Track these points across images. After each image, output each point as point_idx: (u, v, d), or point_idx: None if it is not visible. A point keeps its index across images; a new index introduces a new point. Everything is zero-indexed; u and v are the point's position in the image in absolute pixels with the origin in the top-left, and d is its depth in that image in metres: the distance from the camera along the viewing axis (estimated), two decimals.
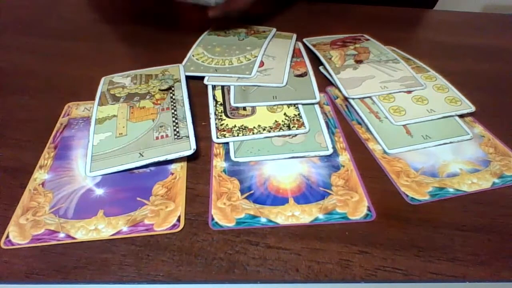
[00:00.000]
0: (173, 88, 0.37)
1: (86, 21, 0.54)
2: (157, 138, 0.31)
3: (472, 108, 0.35)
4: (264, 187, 0.28)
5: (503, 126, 0.34)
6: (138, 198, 0.27)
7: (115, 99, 0.35)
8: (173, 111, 0.33)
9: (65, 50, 0.46)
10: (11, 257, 0.24)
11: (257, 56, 0.40)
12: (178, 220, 0.26)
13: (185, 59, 0.42)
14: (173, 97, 0.35)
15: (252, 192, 0.28)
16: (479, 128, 0.34)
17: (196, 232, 0.25)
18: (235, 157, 0.30)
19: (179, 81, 0.38)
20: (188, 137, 0.31)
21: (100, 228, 0.25)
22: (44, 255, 0.24)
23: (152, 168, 0.29)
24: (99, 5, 0.57)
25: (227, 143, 0.32)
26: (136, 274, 0.23)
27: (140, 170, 0.29)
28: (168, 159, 0.29)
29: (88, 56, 0.44)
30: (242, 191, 0.28)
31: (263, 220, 0.26)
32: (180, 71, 0.39)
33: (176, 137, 0.31)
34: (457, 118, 0.34)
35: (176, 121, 0.32)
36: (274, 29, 0.47)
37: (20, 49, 0.46)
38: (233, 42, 0.44)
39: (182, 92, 0.36)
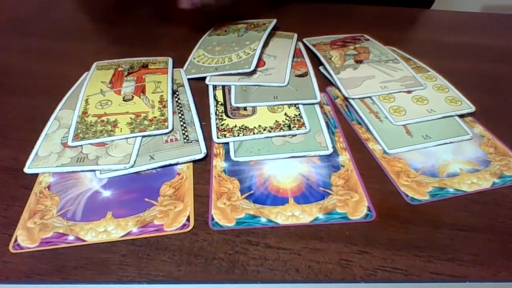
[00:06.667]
0: (177, 92, 0.37)
1: (85, 21, 0.54)
2: (166, 141, 0.31)
3: (472, 108, 0.35)
4: (264, 187, 0.28)
5: (503, 126, 0.34)
6: (146, 199, 0.27)
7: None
8: (180, 115, 0.34)
9: (64, 50, 0.46)
10: (12, 257, 0.24)
11: (256, 50, 0.40)
12: (188, 220, 0.26)
13: (187, 63, 0.42)
14: (179, 101, 0.36)
15: (252, 192, 0.28)
16: (479, 128, 0.34)
17: (196, 232, 0.25)
18: (235, 157, 0.30)
19: (183, 85, 0.38)
20: (197, 141, 0.31)
21: (109, 230, 0.25)
22: (44, 255, 0.24)
23: (159, 169, 0.29)
24: (97, 6, 0.57)
25: (227, 143, 0.32)
26: (136, 274, 0.23)
27: (147, 171, 0.29)
28: (179, 162, 0.30)
29: (87, 56, 0.44)
30: (242, 191, 0.28)
31: (263, 220, 0.26)
32: (182, 76, 0.40)
33: (185, 141, 0.31)
34: (457, 118, 0.34)
35: (184, 125, 0.33)
36: (275, 20, 0.47)
37: (18, 49, 0.46)
38: (233, 39, 0.44)
39: (187, 97, 0.36)
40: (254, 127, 0.33)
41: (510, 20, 0.56)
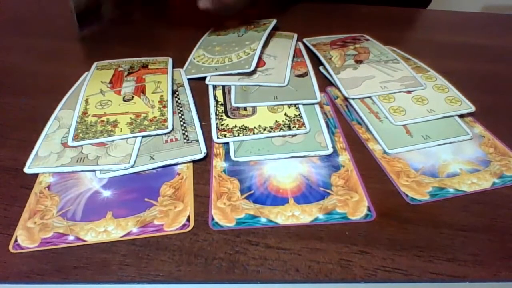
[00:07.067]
0: (177, 92, 0.37)
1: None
2: (166, 141, 0.31)
3: (472, 108, 0.35)
4: (264, 187, 0.28)
5: (503, 126, 0.34)
6: (146, 199, 0.27)
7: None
8: (180, 115, 0.34)
9: (64, 50, 0.46)
10: (12, 257, 0.24)
11: (256, 50, 0.40)
12: (188, 220, 0.26)
13: (187, 63, 0.42)
14: (179, 101, 0.36)
15: (252, 192, 0.28)
16: (479, 128, 0.34)
17: (196, 232, 0.25)
18: (235, 157, 0.30)
19: (183, 85, 0.38)
20: (197, 141, 0.31)
21: (109, 230, 0.25)
22: (44, 255, 0.24)
23: (159, 169, 0.29)
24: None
25: (227, 143, 0.32)
26: (136, 274, 0.23)
27: (147, 171, 0.29)
28: (179, 162, 0.30)
29: (87, 56, 0.44)
30: (242, 191, 0.28)
31: (263, 220, 0.26)
32: (181, 76, 0.40)
33: (185, 141, 0.31)
34: (457, 118, 0.34)
35: (184, 125, 0.33)
36: (275, 20, 0.46)
37: (18, 49, 0.46)
38: (233, 39, 0.44)
39: (187, 97, 0.36)
40: (254, 127, 0.33)
41: (510, 20, 0.56)
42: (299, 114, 0.34)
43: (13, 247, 0.24)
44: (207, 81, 0.38)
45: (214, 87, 0.38)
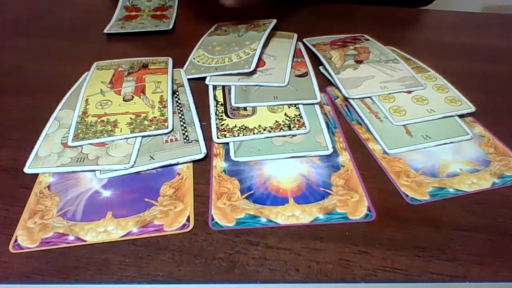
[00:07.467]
0: (177, 92, 0.37)
1: (85, 21, 0.54)
2: (166, 141, 0.31)
3: (472, 108, 0.35)
4: (264, 187, 0.28)
5: (503, 126, 0.34)
6: (146, 199, 0.27)
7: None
8: (180, 115, 0.34)
9: (64, 50, 0.46)
10: (12, 257, 0.24)
11: (256, 50, 0.40)
12: (188, 220, 0.26)
13: (186, 63, 0.42)
14: (179, 101, 0.36)
15: (252, 192, 0.28)
16: (479, 128, 0.34)
17: (196, 232, 0.25)
18: (235, 157, 0.30)
19: (183, 85, 0.38)
20: (197, 141, 0.31)
21: (109, 230, 0.25)
22: (44, 255, 0.24)
23: (159, 169, 0.29)
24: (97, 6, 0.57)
25: (227, 143, 0.32)
26: (136, 274, 0.23)
27: (147, 171, 0.29)
28: (180, 162, 0.30)
29: (87, 56, 0.44)
30: (242, 191, 0.28)
31: (263, 220, 0.26)
32: (181, 76, 0.40)
33: (185, 141, 0.31)
34: (457, 118, 0.34)
35: (184, 125, 0.33)
36: (275, 20, 0.46)
37: (18, 49, 0.46)
38: (233, 39, 0.44)
39: (187, 97, 0.36)
40: (254, 127, 0.33)
41: (510, 20, 0.56)
42: (299, 114, 0.34)
43: (13, 247, 0.24)
44: (207, 81, 0.38)
45: (214, 87, 0.38)
